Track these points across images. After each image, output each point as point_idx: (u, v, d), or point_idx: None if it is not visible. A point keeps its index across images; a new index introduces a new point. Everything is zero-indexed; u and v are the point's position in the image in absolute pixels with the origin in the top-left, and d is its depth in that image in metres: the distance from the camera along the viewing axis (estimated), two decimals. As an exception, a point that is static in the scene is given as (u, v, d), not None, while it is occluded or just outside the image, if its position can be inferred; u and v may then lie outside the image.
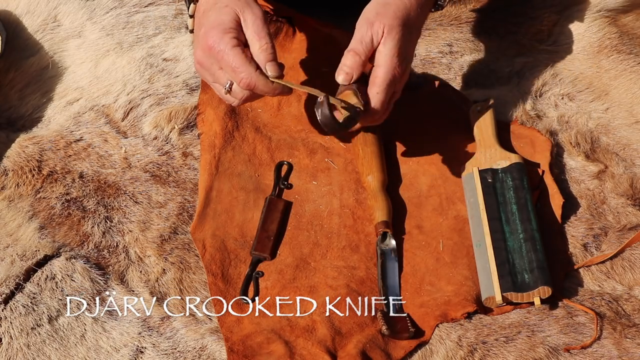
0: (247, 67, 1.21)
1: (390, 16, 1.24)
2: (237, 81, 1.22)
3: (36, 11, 1.51)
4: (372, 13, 1.26)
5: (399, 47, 1.23)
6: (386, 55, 1.23)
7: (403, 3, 1.25)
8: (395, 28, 1.24)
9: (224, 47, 1.21)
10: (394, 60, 1.23)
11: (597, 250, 1.32)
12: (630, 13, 1.55)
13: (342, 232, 1.33)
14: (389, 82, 1.23)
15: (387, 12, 1.25)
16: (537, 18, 1.54)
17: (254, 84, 1.22)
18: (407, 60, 1.25)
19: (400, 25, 1.24)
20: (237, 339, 1.23)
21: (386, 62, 1.23)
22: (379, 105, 1.24)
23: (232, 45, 1.22)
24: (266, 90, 1.23)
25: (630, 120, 1.45)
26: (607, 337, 1.24)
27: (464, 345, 1.23)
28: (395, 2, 1.25)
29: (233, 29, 1.22)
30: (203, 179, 1.36)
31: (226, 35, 1.22)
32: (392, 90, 1.25)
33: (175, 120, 1.42)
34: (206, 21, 1.24)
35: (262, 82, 1.22)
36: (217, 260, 1.29)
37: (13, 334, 1.23)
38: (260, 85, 1.22)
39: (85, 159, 1.39)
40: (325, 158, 1.40)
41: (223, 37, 1.22)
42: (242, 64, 1.21)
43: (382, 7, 1.25)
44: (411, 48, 1.26)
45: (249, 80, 1.21)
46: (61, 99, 1.45)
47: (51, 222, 1.33)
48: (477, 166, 1.36)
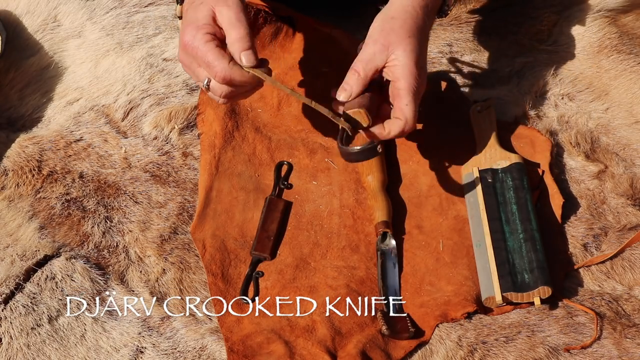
0: (221, 61, 1.18)
1: (396, 31, 1.23)
2: (213, 76, 1.20)
3: (36, 11, 1.51)
4: (376, 31, 1.25)
5: (413, 57, 1.22)
6: (403, 67, 1.22)
7: (408, 14, 1.24)
8: (404, 40, 1.22)
9: (198, 44, 1.19)
10: (413, 71, 1.22)
11: (597, 250, 1.32)
12: (630, 13, 1.55)
13: (342, 232, 1.33)
14: (414, 92, 1.22)
15: (393, 27, 1.24)
16: (537, 18, 1.54)
17: (229, 77, 1.19)
18: (423, 69, 1.24)
19: (410, 37, 1.23)
20: (237, 339, 1.23)
21: (404, 73, 1.22)
22: (411, 115, 1.22)
23: (204, 40, 1.19)
24: (244, 81, 1.20)
25: (630, 120, 1.45)
26: (607, 337, 1.24)
27: (464, 345, 1.23)
28: (400, 15, 1.24)
29: (207, 24, 1.20)
30: (203, 179, 1.36)
31: (199, 32, 1.20)
32: (419, 99, 1.24)
33: (175, 120, 1.42)
34: (184, 20, 1.23)
35: (237, 74, 1.19)
36: (217, 260, 1.29)
37: (13, 334, 1.23)
38: (237, 77, 1.19)
39: (85, 159, 1.39)
40: (325, 158, 1.40)
41: (196, 33, 1.20)
42: (215, 58, 1.18)
43: (387, 23, 1.24)
44: (423, 56, 1.25)
45: (223, 73, 1.19)
46: (61, 99, 1.45)
47: (51, 222, 1.33)
48: (477, 166, 1.36)
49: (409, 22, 1.24)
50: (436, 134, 1.42)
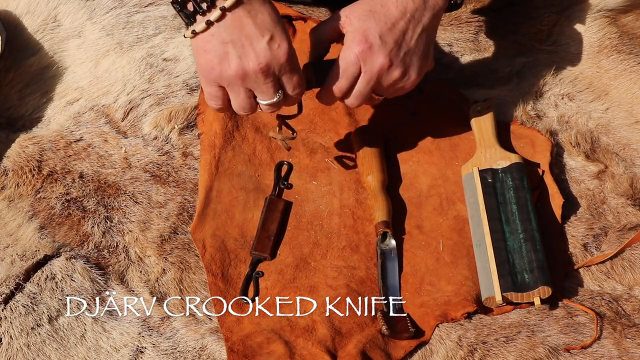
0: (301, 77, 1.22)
1: (357, 5, 1.23)
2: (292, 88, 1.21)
3: (36, 11, 1.51)
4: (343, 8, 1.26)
5: (362, 26, 1.21)
6: (348, 33, 1.22)
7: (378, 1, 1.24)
8: (362, 13, 1.22)
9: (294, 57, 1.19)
10: (355, 37, 1.21)
11: (597, 250, 1.32)
12: (630, 13, 1.55)
13: (342, 232, 1.33)
14: (347, 55, 1.21)
15: (357, 4, 1.23)
16: (537, 18, 1.54)
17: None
18: (373, 39, 1.21)
19: (368, 11, 1.22)
20: (237, 339, 1.23)
21: (347, 40, 1.22)
22: (332, 74, 1.23)
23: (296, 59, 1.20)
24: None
25: (630, 120, 1.45)
26: (607, 337, 1.24)
27: (464, 345, 1.23)
28: None
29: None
30: (203, 179, 1.36)
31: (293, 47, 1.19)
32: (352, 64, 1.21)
33: (175, 120, 1.42)
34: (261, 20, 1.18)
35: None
36: (217, 260, 1.29)
37: (13, 334, 1.23)
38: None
39: (85, 159, 1.39)
40: (325, 158, 1.40)
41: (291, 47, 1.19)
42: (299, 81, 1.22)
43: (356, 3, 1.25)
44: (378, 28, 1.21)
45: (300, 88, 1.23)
46: (61, 99, 1.45)
47: (51, 222, 1.33)
48: (477, 166, 1.36)
49: (373, 1, 1.22)
50: (436, 133, 1.42)
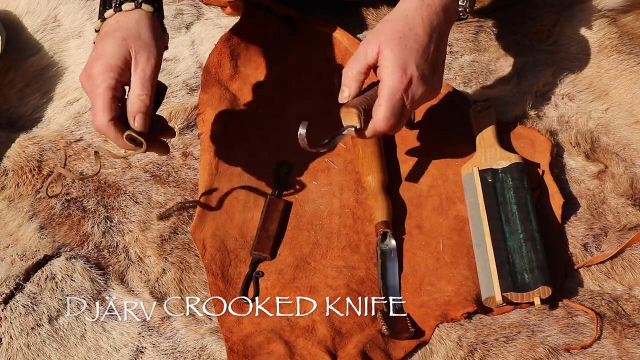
0: (103, 114, 1.16)
1: (387, 32, 1.24)
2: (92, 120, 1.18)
3: (36, 11, 1.51)
4: (372, 32, 1.26)
5: (400, 57, 1.22)
6: (386, 67, 1.23)
7: (404, 18, 1.24)
8: (393, 41, 1.23)
9: (100, 83, 1.16)
10: (396, 71, 1.22)
11: (597, 250, 1.32)
12: (630, 13, 1.55)
13: (342, 232, 1.33)
14: (391, 94, 1.22)
15: (386, 28, 1.24)
16: (537, 18, 1.54)
17: (104, 132, 1.18)
18: (411, 71, 1.23)
19: (401, 38, 1.23)
20: (237, 339, 1.23)
21: (386, 73, 1.23)
22: (380, 116, 1.23)
23: (106, 85, 1.16)
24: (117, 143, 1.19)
25: (630, 120, 1.45)
26: (607, 337, 1.24)
27: (464, 345, 1.23)
28: (396, 19, 1.25)
29: (118, 67, 1.17)
30: (203, 179, 1.36)
31: (108, 73, 1.17)
32: (397, 101, 1.23)
33: (175, 120, 1.42)
34: (100, 47, 1.19)
35: (112, 135, 1.18)
36: (217, 260, 1.29)
37: (13, 334, 1.23)
38: (111, 137, 1.18)
39: (85, 159, 1.39)
40: (326, 158, 1.40)
41: (104, 73, 1.17)
42: (101, 109, 1.16)
43: (382, 24, 1.25)
44: (413, 58, 1.23)
45: (98, 126, 1.17)
46: (61, 99, 1.45)
47: (51, 222, 1.33)
48: (477, 166, 1.36)
49: (401, 25, 1.24)
50: (436, 134, 1.42)
